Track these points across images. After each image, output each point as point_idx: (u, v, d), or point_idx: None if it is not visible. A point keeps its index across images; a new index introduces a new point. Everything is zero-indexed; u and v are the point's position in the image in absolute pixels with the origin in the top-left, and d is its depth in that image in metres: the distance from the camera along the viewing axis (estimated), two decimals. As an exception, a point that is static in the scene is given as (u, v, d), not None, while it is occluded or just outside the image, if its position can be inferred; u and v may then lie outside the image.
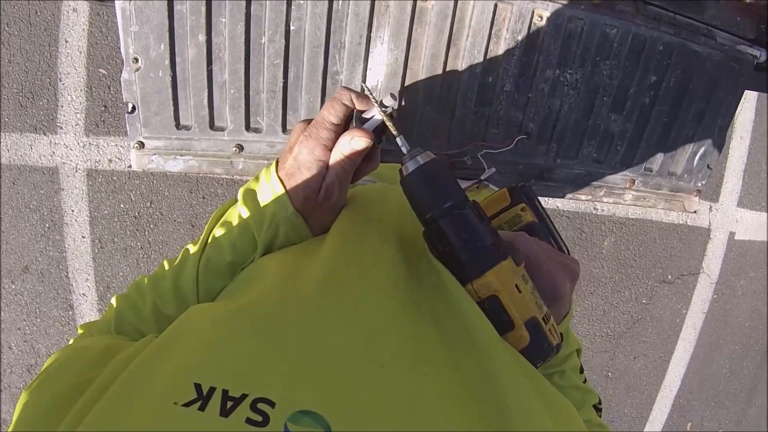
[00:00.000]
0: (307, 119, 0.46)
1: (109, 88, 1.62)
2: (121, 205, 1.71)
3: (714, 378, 2.60)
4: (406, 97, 1.16)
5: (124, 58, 1.04)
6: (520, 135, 1.22)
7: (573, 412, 0.38)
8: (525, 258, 0.42)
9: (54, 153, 1.64)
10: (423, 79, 1.15)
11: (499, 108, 1.19)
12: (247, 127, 1.12)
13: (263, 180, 0.46)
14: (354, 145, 0.43)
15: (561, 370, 0.51)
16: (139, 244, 1.76)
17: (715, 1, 1.20)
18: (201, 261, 0.46)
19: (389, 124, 0.43)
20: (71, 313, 1.79)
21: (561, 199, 2.05)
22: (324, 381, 0.30)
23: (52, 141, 1.63)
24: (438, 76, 1.15)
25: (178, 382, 0.28)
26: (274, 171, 0.45)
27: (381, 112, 0.43)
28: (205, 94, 1.08)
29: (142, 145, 1.11)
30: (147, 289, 0.46)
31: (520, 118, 1.21)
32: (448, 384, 0.32)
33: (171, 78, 1.06)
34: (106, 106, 1.63)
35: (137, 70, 1.05)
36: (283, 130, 1.14)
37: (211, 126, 1.11)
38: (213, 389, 0.27)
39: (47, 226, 1.70)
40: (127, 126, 1.10)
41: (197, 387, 0.28)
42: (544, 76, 1.18)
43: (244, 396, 0.27)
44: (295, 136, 0.45)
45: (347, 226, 0.45)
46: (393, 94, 0.44)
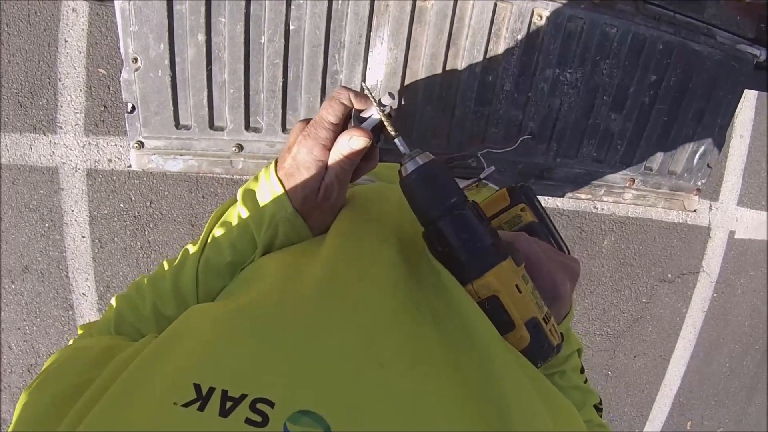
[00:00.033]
0: (306, 119, 0.46)
1: (109, 88, 1.62)
2: (121, 205, 1.71)
3: (714, 377, 2.60)
4: (405, 97, 1.16)
5: (123, 58, 1.04)
6: (519, 134, 1.22)
7: (574, 412, 0.38)
8: (525, 258, 0.41)
9: (54, 153, 1.64)
10: (423, 79, 1.15)
11: (499, 107, 1.19)
12: (247, 127, 1.12)
13: (262, 180, 0.46)
14: (353, 145, 0.42)
15: (562, 370, 0.51)
16: (139, 243, 1.76)
17: (715, 1, 1.20)
18: (200, 261, 0.46)
19: (387, 123, 0.43)
20: (71, 313, 1.79)
21: (561, 198, 2.05)
22: (324, 381, 0.30)
23: (51, 141, 1.63)
24: (438, 75, 1.14)
25: (177, 382, 0.28)
26: (273, 171, 0.45)
27: (379, 111, 0.43)
28: (205, 93, 1.08)
29: (141, 145, 1.11)
30: (147, 290, 0.46)
31: (519, 117, 1.21)
32: (448, 384, 0.32)
33: (170, 78, 1.06)
34: (105, 105, 1.63)
35: (137, 69, 1.05)
36: (283, 129, 1.14)
37: (211, 126, 1.11)
38: (212, 389, 0.27)
39: (47, 225, 1.70)
40: (127, 126, 1.10)
41: (197, 387, 0.28)
42: (543, 75, 1.18)
43: (243, 396, 0.27)
44: (294, 135, 0.45)
45: (347, 225, 0.45)
46: (391, 93, 0.44)
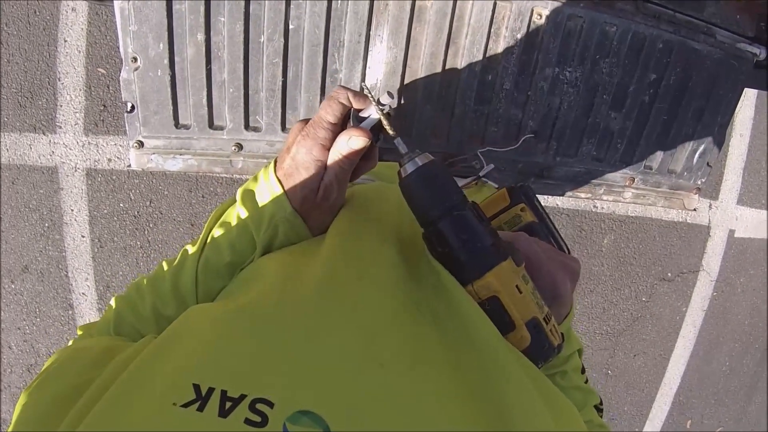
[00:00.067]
0: (305, 119, 0.45)
1: (108, 87, 1.62)
2: (121, 205, 1.71)
3: (714, 376, 2.60)
4: (405, 96, 1.16)
5: (123, 57, 1.04)
6: (519, 133, 1.22)
7: (575, 412, 0.38)
8: (525, 258, 0.41)
9: (53, 152, 1.64)
10: (422, 78, 1.14)
11: (499, 106, 1.19)
12: (247, 126, 1.12)
13: (261, 180, 0.46)
14: (352, 145, 0.42)
15: (563, 370, 0.51)
16: (139, 243, 1.76)
17: (715, 0, 1.20)
18: (200, 261, 0.46)
19: (386, 123, 0.43)
20: (71, 313, 1.79)
21: (561, 197, 2.05)
22: (323, 381, 0.30)
23: (51, 140, 1.63)
24: (437, 74, 1.14)
25: (177, 382, 0.28)
26: (272, 171, 0.45)
27: (378, 110, 0.43)
28: (204, 93, 1.08)
29: (141, 145, 1.11)
30: (146, 290, 0.46)
31: (519, 116, 1.21)
32: (448, 384, 0.32)
33: (170, 77, 1.06)
34: (105, 105, 1.62)
35: (136, 69, 1.05)
36: (283, 128, 1.13)
37: (211, 125, 1.11)
38: (212, 390, 0.27)
39: (47, 225, 1.69)
40: (127, 125, 1.10)
41: (196, 387, 0.28)
42: (543, 74, 1.18)
43: (242, 396, 0.27)
44: (293, 135, 0.45)
45: (346, 225, 0.45)
46: (390, 92, 0.44)
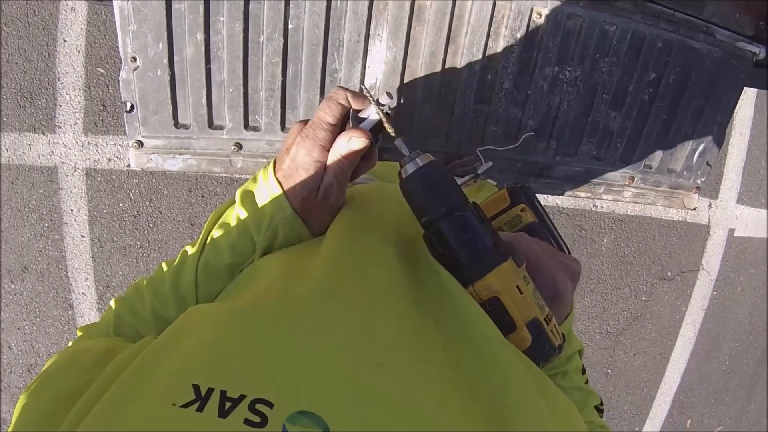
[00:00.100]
0: (304, 120, 0.45)
1: (108, 87, 1.61)
2: (120, 204, 1.71)
3: (714, 375, 2.60)
4: (405, 95, 1.16)
5: (122, 57, 1.04)
6: (519, 132, 1.22)
7: (576, 413, 0.38)
8: (525, 258, 0.41)
9: (53, 152, 1.63)
10: (422, 77, 1.14)
11: (498, 106, 1.19)
12: (246, 126, 1.12)
13: (261, 181, 0.46)
14: (352, 146, 0.42)
15: (563, 371, 0.51)
16: (139, 242, 1.76)
17: (714, -1, 1.20)
18: (200, 263, 0.45)
19: (386, 123, 0.43)
20: (71, 313, 1.79)
21: (560, 197, 2.05)
22: (323, 381, 0.30)
23: (50, 140, 1.62)
24: (437, 73, 1.14)
25: (176, 383, 0.28)
26: (271, 172, 0.45)
27: (378, 111, 0.43)
28: (204, 92, 1.08)
29: (140, 144, 1.11)
30: (146, 292, 0.46)
31: (519, 115, 1.21)
32: (447, 384, 0.32)
33: (169, 77, 1.06)
34: (104, 105, 1.62)
35: (135, 69, 1.05)
36: (282, 128, 1.13)
37: (210, 125, 1.11)
38: (211, 390, 0.27)
39: (46, 225, 1.69)
40: (126, 125, 1.10)
41: (195, 388, 0.27)
42: (543, 73, 1.18)
43: (242, 397, 0.27)
44: (292, 136, 0.45)
45: (346, 226, 0.45)
46: (389, 92, 0.44)
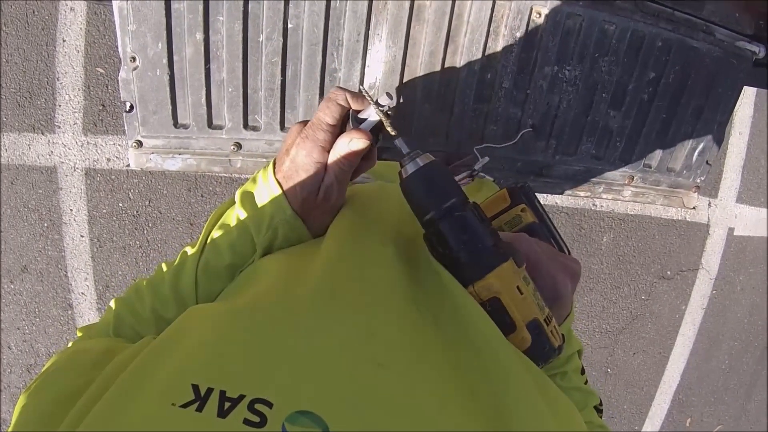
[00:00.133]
0: (304, 120, 0.45)
1: (107, 87, 1.61)
2: (120, 204, 1.71)
3: (713, 374, 2.60)
4: (404, 95, 1.15)
5: (121, 57, 1.04)
6: (518, 131, 1.22)
7: (576, 413, 0.38)
8: (526, 259, 0.41)
9: (52, 152, 1.63)
10: (421, 76, 1.14)
11: (498, 105, 1.19)
12: (246, 126, 1.12)
13: (260, 182, 0.46)
14: (353, 147, 0.42)
15: (563, 371, 0.51)
16: (138, 242, 1.76)
17: (714, -2, 1.20)
18: (200, 263, 0.45)
19: (387, 123, 0.42)
20: (70, 313, 1.79)
21: (560, 196, 2.05)
22: (322, 381, 0.30)
23: (50, 140, 1.62)
24: (436, 73, 1.14)
25: (175, 383, 0.28)
26: (271, 173, 0.45)
27: (379, 112, 0.43)
28: (203, 92, 1.08)
29: (140, 144, 1.11)
30: (146, 292, 0.46)
31: (518, 114, 1.21)
32: (447, 384, 0.32)
33: (169, 77, 1.06)
34: (104, 105, 1.62)
35: (135, 68, 1.05)
36: (282, 128, 1.13)
37: (210, 124, 1.11)
38: (210, 390, 0.27)
39: (46, 225, 1.69)
40: (125, 125, 1.10)
41: (195, 388, 0.28)
42: (542, 72, 1.18)
43: (241, 397, 0.27)
44: (292, 137, 0.45)
45: (346, 226, 0.45)
46: (389, 93, 0.44)
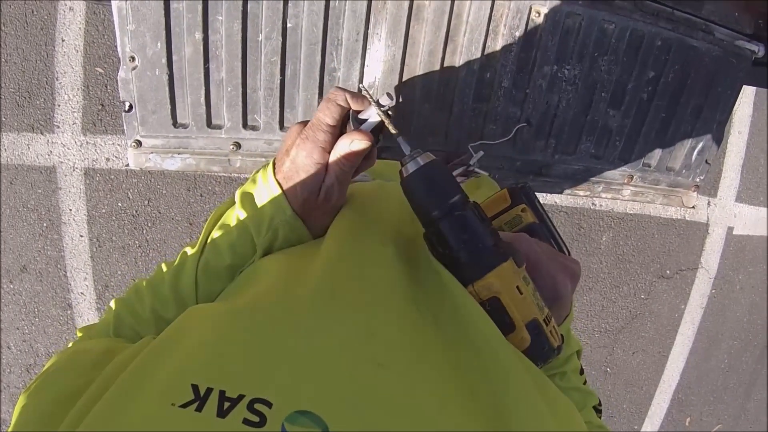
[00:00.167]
0: (304, 121, 0.45)
1: (106, 86, 1.61)
2: (119, 204, 1.71)
3: (713, 373, 2.61)
4: (403, 94, 1.15)
5: (120, 56, 1.04)
6: (518, 131, 1.22)
7: (576, 413, 0.38)
8: (525, 259, 0.41)
9: (51, 152, 1.63)
10: (420, 76, 1.14)
11: (497, 104, 1.19)
12: (245, 125, 1.12)
13: (260, 183, 0.45)
14: (354, 148, 0.42)
15: (562, 371, 0.51)
16: (137, 242, 1.76)
17: (713, -3, 1.20)
18: (200, 263, 0.45)
19: (388, 124, 0.42)
20: (70, 312, 1.79)
21: (559, 195, 2.05)
22: (322, 381, 0.30)
23: (49, 140, 1.62)
24: (435, 72, 1.14)
25: (175, 383, 0.28)
26: (271, 173, 0.45)
27: (379, 113, 0.43)
28: (202, 92, 1.08)
29: (139, 144, 1.11)
30: (145, 293, 0.46)
31: (518, 114, 1.21)
32: (447, 384, 0.32)
33: (168, 76, 1.06)
34: (103, 104, 1.62)
35: (134, 68, 1.05)
36: (281, 127, 1.13)
37: (209, 124, 1.11)
38: (210, 390, 0.27)
39: (45, 225, 1.69)
40: (125, 124, 1.10)
41: (194, 388, 0.27)
42: (541, 72, 1.18)
43: (241, 396, 0.27)
44: (292, 138, 0.45)
45: (346, 226, 0.45)
46: (389, 93, 0.43)
